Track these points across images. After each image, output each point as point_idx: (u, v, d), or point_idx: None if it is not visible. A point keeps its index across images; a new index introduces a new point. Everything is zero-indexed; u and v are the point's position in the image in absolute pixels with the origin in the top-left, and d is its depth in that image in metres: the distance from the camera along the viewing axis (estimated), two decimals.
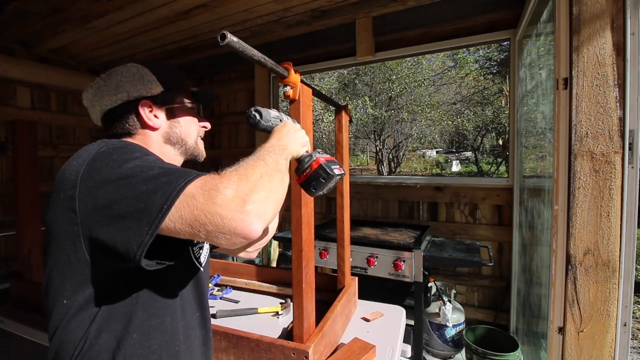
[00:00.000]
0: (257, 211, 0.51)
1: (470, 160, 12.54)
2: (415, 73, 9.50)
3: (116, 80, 0.73)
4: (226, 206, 0.49)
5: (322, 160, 0.74)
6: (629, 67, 1.13)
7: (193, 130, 0.82)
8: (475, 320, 2.47)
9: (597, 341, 1.19)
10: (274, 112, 0.78)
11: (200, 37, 2.74)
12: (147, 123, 0.74)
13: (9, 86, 2.82)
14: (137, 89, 0.73)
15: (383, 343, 1.08)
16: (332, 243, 2.09)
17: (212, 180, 0.52)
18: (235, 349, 0.93)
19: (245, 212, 0.49)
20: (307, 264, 0.90)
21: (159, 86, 0.75)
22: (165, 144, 0.78)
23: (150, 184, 0.52)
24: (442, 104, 10.45)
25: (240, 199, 0.50)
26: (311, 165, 0.74)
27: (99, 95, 0.74)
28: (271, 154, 0.63)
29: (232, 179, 0.52)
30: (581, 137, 1.20)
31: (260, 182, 0.54)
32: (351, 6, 2.30)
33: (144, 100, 0.74)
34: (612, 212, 1.16)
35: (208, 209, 0.49)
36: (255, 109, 0.74)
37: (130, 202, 0.52)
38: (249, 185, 0.52)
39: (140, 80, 0.74)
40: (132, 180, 0.53)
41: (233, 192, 0.50)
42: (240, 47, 0.56)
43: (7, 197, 2.74)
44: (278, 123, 0.77)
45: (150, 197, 0.51)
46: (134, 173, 0.54)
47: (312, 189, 0.74)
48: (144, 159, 0.58)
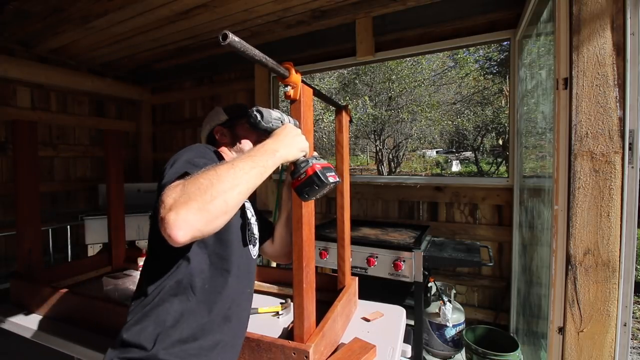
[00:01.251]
0: (182, 220, 0.56)
1: (470, 160, 12.55)
2: (415, 73, 9.51)
3: (209, 118, 1.12)
4: (162, 212, 0.57)
5: (317, 167, 0.75)
6: (629, 67, 1.13)
7: (250, 143, 1.06)
8: (475, 320, 2.47)
9: (597, 341, 1.19)
10: (276, 113, 0.78)
11: (200, 37, 2.74)
12: (220, 141, 1.08)
13: (9, 86, 2.82)
14: (214, 120, 1.10)
15: (383, 343, 1.08)
16: (332, 243, 2.09)
17: (170, 186, 0.62)
18: None
19: (166, 220, 0.56)
20: (308, 264, 0.90)
21: (225, 116, 1.09)
22: (231, 151, 1.07)
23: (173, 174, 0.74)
24: (442, 104, 10.45)
25: (169, 208, 0.57)
26: (306, 171, 0.74)
27: (203, 127, 1.14)
28: (253, 158, 0.68)
29: (177, 187, 0.61)
30: (581, 137, 1.20)
31: (195, 194, 0.59)
32: (351, 6, 2.30)
33: (217, 126, 1.09)
34: (612, 212, 1.16)
35: (158, 209, 0.59)
36: (257, 109, 0.75)
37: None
38: (183, 197, 0.59)
39: (216, 114, 1.11)
40: (174, 170, 0.75)
41: (167, 200, 0.59)
42: (242, 47, 0.56)
43: (7, 197, 2.74)
44: (279, 125, 0.78)
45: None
46: (180, 163, 0.77)
47: (305, 194, 0.75)
48: (194, 159, 0.79)
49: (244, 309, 0.91)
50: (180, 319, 0.76)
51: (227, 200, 0.63)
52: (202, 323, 0.78)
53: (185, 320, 0.76)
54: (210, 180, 0.62)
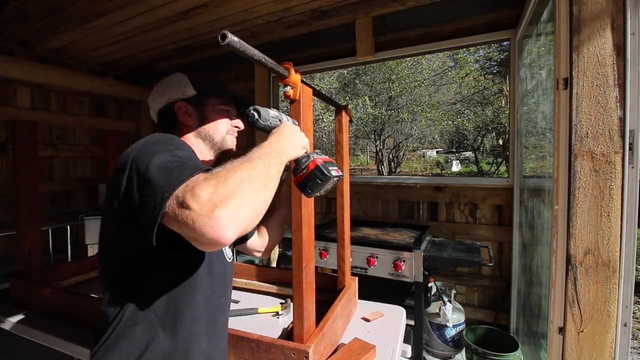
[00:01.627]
0: (229, 217, 0.50)
1: (471, 160, 12.55)
2: (415, 73, 9.51)
3: (163, 87, 0.90)
4: (198, 210, 0.50)
5: (319, 161, 0.74)
6: (629, 67, 1.13)
7: (221, 128, 0.91)
8: (476, 320, 2.47)
9: (598, 341, 1.19)
10: (273, 112, 0.77)
11: (200, 37, 2.74)
12: (182, 121, 0.88)
13: (9, 86, 2.82)
14: (175, 93, 0.88)
15: (383, 343, 1.08)
16: (332, 243, 2.09)
17: (194, 181, 0.55)
18: (235, 349, 0.93)
19: (215, 218, 0.49)
20: (307, 264, 0.90)
21: (192, 90, 0.88)
22: (197, 139, 0.90)
23: (161, 174, 0.59)
24: (442, 104, 10.46)
25: (213, 204, 0.50)
26: (308, 166, 0.73)
27: (153, 99, 0.92)
28: (263, 158, 0.64)
29: (211, 181, 0.53)
30: (581, 137, 1.20)
31: (238, 187, 0.54)
32: (351, 6, 2.30)
33: (180, 102, 0.88)
34: (612, 212, 1.16)
35: (182, 212, 0.52)
36: (254, 108, 0.74)
37: (150, 189, 0.58)
38: (225, 190, 0.52)
39: (178, 85, 0.89)
40: (154, 169, 0.60)
41: (208, 195, 0.51)
42: (241, 47, 0.56)
43: (7, 197, 2.74)
44: (277, 123, 0.77)
45: (157, 189, 0.57)
46: (158, 161, 0.61)
47: (309, 189, 0.74)
48: (172, 152, 0.65)
49: (220, 323, 0.85)
50: (145, 351, 0.69)
51: (267, 196, 0.58)
52: (171, 350, 0.71)
53: (152, 351, 0.69)
54: (249, 173, 0.57)
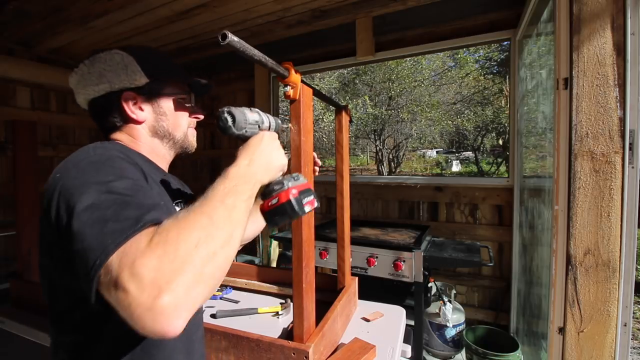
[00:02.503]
0: (178, 303, 0.39)
1: (471, 160, 12.55)
2: (415, 73, 9.51)
3: (99, 69, 0.69)
4: (137, 296, 0.38)
5: (293, 192, 0.62)
6: (629, 67, 1.13)
7: (182, 122, 0.79)
8: (476, 321, 2.47)
9: (598, 341, 1.19)
10: (252, 116, 0.65)
11: (200, 37, 2.74)
12: (131, 116, 0.71)
13: (9, 86, 2.81)
14: (120, 80, 0.69)
15: (383, 343, 1.08)
16: (332, 243, 2.09)
17: (134, 250, 0.42)
18: (235, 348, 0.93)
19: (159, 309, 0.38)
20: (307, 264, 0.90)
21: (144, 77, 0.70)
22: (153, 138, 0.76)
23: (90, 233, 0.46)
24: (442, 104, 10.46)
25: (157, 288, 0.39)
26: (279, 196, 0.62)
27: (83, 84, 0.71)
28: (228, 198, 0.51)
29: (156, 251, 0.41)
30: (581, 137, 1.20)
31: (193, 255, 0.42)
32: (351, 6, 2.30)
33: (127, 92, 0.70)
34: (612, 212, 1.16)
35: (116, 295, 0.40)
36: (229, 110, 0.61)
37: (79, 243, 0.46)
38: (175, 264, 0.41)
39: (124, 70, 0.69)
40: (82, 219, 0.47)
41: (151, 275, 0.39)
42: (241, 47, 0.56)
43: (7, 197, 2.74)
44: (255, 131, 0.66)
45: (85, 251, 0.45)
46: (91, 206, 0.48)
47: (274, 222, 0.63)
48: (110, 185, 0.51)
49: (197, 339, 0.74)
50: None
51: (231, 253, 0.48)
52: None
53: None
54: (207, 231, 0.45)
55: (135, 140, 0.74)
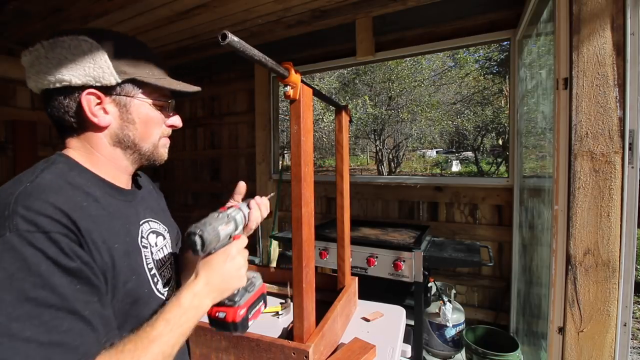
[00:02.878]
0: None
1: (470, 160, 12.55)
2: (415, 73, 9.52)
3: (59, 56, 0.56)
4: None
5: (240, 314, 0.62)
6: (629, 67, 1.13)
7: (154, 133, 0.66)
8: (475, 320, 2.47)
9: (597, 341, 1.19)
10: (227, 230, 0.62)
11: (200, 37, 2.74)
12: (91, 119, 0.59)
13: (9, 86, 2.81)
14: (84, 74, 0.56)
15: (383, 343, 1.08)
16: (332, 243, 2.09)
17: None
18: (235, 348, 0.93)
19: None
20: (307, 264, 0.90)
21: (114, 76, 0.58)
22: (115, 147, 0.63)
23: None
24: (442, 104, 10.47)
25: None
26: (227, 312, 0.62)
27: (36, 69, 0.57)
28: (174, 335, 0.52)
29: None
30: (581, 137, 1.20)
31: None
32: (351, 6, 2.30)
33: (90, 89, 0.58)
34: (612, 212, 1.16)
35: None
36: (200, 234, 0.57)
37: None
38: None
39: (90, 63, 0.56)
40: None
41: None
42: (241, 47, 0.56)
43: None
44: (225, 243, 0.63)
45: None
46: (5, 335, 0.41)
47: (215, 328, 0.64)
48: (28, 307, 0.43)
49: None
50: None
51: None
52: None
53: None
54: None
55: (92, 150, 0.62)
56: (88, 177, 0.60)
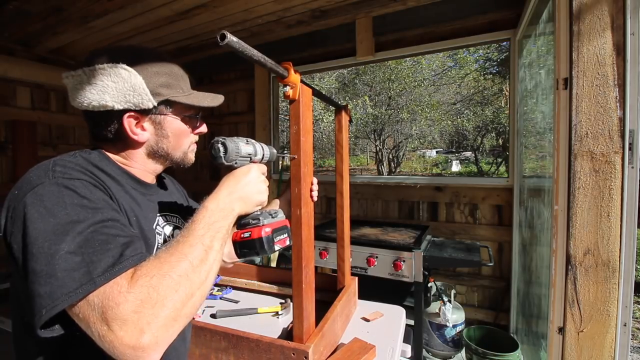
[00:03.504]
0: (156, 342, 0.44)
1: (470, 160, 12.55)
2: (415, 73, 9.52)
3: (102, 84, 0.63)
4: (120, 336, 0.42)
5: (266, 230, 0.64)
6: (629, 67, 1.13)
7: (184, 143, 0.76)
8: (475, 320, 2.47)
9: (597, 341, 1.19)
10: (247, 149, 0.67)
11: (200, 37, 2.74)
12: (132, 137, 0.67)
13: (9, 86, 2.81)
14: (125, 101, 0.63)
15: (383, 343, 1.08)
16: (332, 243, 2.09)
17: (116, 293, 0.45)
18: (235, 349, 0.93)
19: (140, 348, 0.43)
20: (307, 264, 0.90)
21: (151, 101, 0.65)
22: (148, 158, 0.73)
23: (54, 269, 0.46)
24: (442, 104, 10.47)
25: (139, 329, 0.43)
26: (252, 231, 0.64)
27: (80, 92, 0.64)
28: (206, 236, 0.54)
29: (141, 293, 0.45)
30: (581, 137, 1.19)
31: (172, 298, 0.46)
32: (351, 6, 2.30)
33: (130, 113, 0.65)
34: (612, 212, 1.16)
35: (101, 331, 0.43)
36: (223, 141, 0.62)
37: (34, 277, 0.47)
38: (155, 308, 0.44)
39: (130, 91, 0.63)
40: (43, 252, 0.47)
41: (133, 316, 0.43)
42: (240, 47, 0.56)
43: None
44: (245, 163, 0.67)
45: (48, 286, 0.45)
46: (48, 243, 0.47)
47: (242, 255, 0.66)
48: (71, 218, 0.50)
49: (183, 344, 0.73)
50: None
51: (203, 294, 0.51)
52: None
53: None
54: (186, 275, 0.48)
55: (128, 158, 0.71)
56: (117, 168, 0.68)
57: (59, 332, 0.49)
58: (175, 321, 0.46)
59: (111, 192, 0.60)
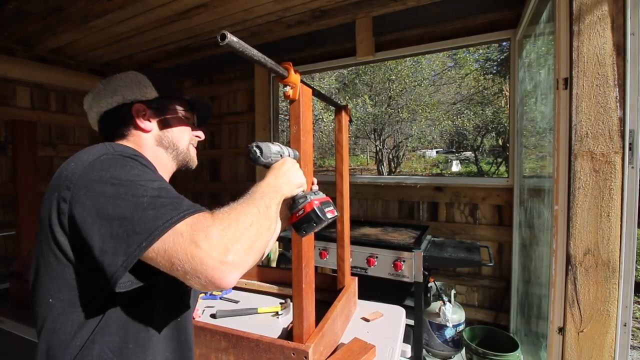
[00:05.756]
0: (237, 262, 0.51)
1: (470, 160, 12.55)
2: (415, 73, 9.51)
3: (114, 85, 0.78)
4: (209, 252, 0.49)
5: (315, 203, 0.75)
6: (629, 67, 1.13)
7: (185, 137, 0.85)
8: (475, 320, 2.47)
9: (597, 341, 1.19)
10: (275, 147, 0.78)
11: (200, 37, 2.74)
12: (140, 125, 0.78)
13: (9, 86, 2.81)
14: (132, 93, 0.77)
15: (383, 343, 1.08)
16: (332, 243, 2.09)
17: (203, 220, 0.53)
18: (235, 348, 0.93)
19: (225, 263, 0.50)
20: (307, 264, 0.90)
21: (154, 92, 0.79)
22: (158, 147, 0.81)
23: (143, 209, 0.52)
24: (442, 104, 10.46)
25: (225, 247, 0.50)
26: (304, 208, 0.75)
27: (97, 99, 0.78)
28: (264, 198, 0.65)
29: (223, 223, 0.53)
30: (581, 137, 1.20)
31: (248, 231, 0.55)
32: (351, 6, 2.30)
33: (138, 103, 0.77)
34: (612, 212, 1.16)
35: (191, 250, 0.49)
36: (257, 145, 0.74)
37: (121, 223, 0.52)
38: (236, 234, 0.53)
39: (136, 85, 0.78)
40: (128, 200, 0.54)
41: (219, 237, 0.51)
42: (240, 47, 0.56)
43: (7, 197, 2.74)
44: (278, 159, 0.78)
45: (141, 223, 0.51)
46: (131, 192, 0.54)
47: (303, 230, 0.76)
48: (142, 177, 0.58)
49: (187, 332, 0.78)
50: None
51: (270, 238, 0.60)
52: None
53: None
54: (256, 216, 0.58)
55: (140, 147, 0.78)
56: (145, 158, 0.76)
57: (136, 284, 0.54)
58: (251, 251, 0.54)
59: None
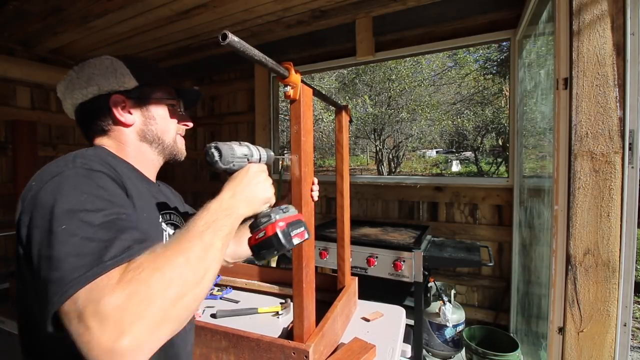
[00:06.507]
0: (137, 346, 0.39)
1: (470, 160, 12.55)
2: (415, 73, 9.51)
3: (88, 73, 0.70)
4: (97, 335, 0.38)
5: (280, 225, 0.61)
6: (629, 67, 1.13)
7: (171, 128, 0.78)
8: (475, 320, 2.47)
9: (597, 341, 1.19)
10: (241, 150, 0.65)
11: (201, 37, 2.74)
12: (119, 119, 0.71)
13: (9, 86, 2.81)
14: (108, 83, 0.69)
15: (383, 343, 1.08)
16: (332, 243, 2.09)
17: (102, 287, 0.41)
18: (235, 348, 0.93)
19: (117, 351, 0.38)
20: (307, 263, 0.90)
21: (133, 80, 0.71)
22: (142, 142, 0.75)
23: (66, 254, 0.45)
24: (442, 104, 10.46)
25: (119, 329, 0.38)
26: (266, 230, 0.61)
27: (70, 89, 0.71)
28: (210, 229, 0.52)
29: (127, 288, 0.41)
30: (581, 137, 1.20)
31: (163, 295, 0.42)
32: (351, 6, 2.30)
33: (115, 94, 0.70)
34: (612, 212, 1.16)
35: (77, 330, 0.40)
36: (216, 146, 0.61)
37: (47, 265, 0.45)
38: (142, 304, 0.40)
39: (112, 73, 0.69)
40: (57, 238, 0.46)
41: (115, 312, 0.39)
42: (241, 47, 0.56)
43: (7, 197, 2.74)
44: (244, 164, 0.66)
45: (55, 278, 0.44)
46: (66, 229, 0.47)
47: (261, 256, 0.62)
48: (88, 206, 0.50)
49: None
50: None
51: (197, 297, 0.47)
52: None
53: None
54: (180, 271, 0.45)
55: (122, 144, 0.73)
56: (121, 162, 0.70)
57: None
58: (162, 324, 0.42)
59: (126, 187, 0.62)
